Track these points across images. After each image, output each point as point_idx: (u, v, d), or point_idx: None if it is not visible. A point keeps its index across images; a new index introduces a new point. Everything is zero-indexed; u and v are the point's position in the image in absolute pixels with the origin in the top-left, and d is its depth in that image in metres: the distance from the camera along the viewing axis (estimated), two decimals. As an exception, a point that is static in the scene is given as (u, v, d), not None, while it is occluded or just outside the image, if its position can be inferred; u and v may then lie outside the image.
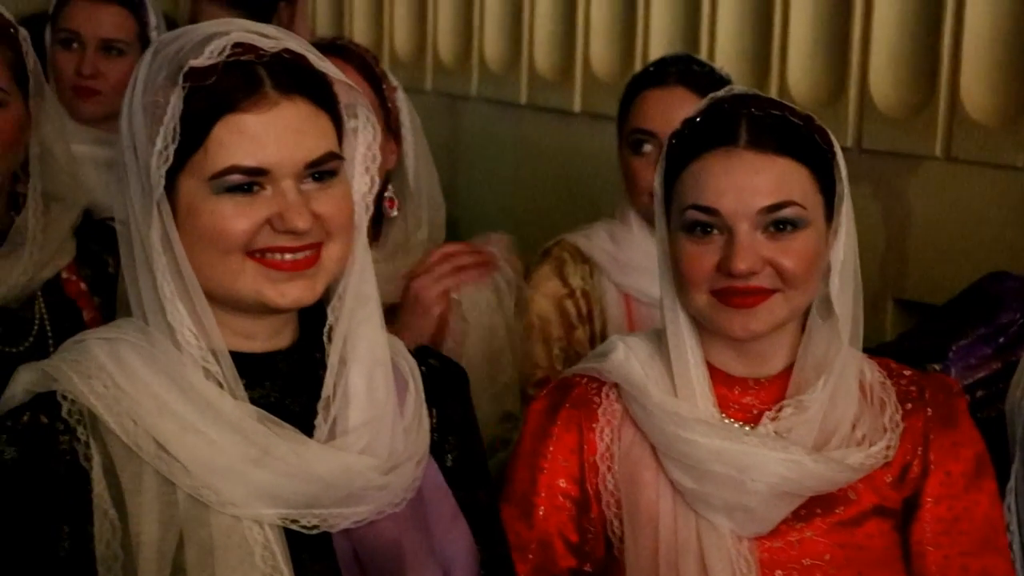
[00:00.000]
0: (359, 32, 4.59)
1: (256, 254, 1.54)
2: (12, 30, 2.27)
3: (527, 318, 2.78)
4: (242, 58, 1.53)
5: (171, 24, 3.39)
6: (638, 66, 3.48)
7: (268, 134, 1.53)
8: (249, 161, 1.53)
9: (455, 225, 2.80)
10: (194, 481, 1.52)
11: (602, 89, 3.66)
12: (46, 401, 1.54)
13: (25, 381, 1.57)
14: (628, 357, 1.93)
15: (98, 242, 2.44)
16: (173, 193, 1.54)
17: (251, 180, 1.53)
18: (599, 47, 3.70)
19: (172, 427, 1.52)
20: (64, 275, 2.35)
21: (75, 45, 3.17)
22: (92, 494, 1.52)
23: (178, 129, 1.52)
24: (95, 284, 2.40)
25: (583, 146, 3.76)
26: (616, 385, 1.93)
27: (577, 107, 3.77)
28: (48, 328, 2.32)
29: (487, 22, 4.10)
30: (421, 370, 1.70)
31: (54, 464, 1.52)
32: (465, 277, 2.52)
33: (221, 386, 1.55)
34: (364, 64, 2.51)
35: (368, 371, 1.61)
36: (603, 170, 3.55)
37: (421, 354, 1.75)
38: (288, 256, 1.55)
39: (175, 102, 1.52)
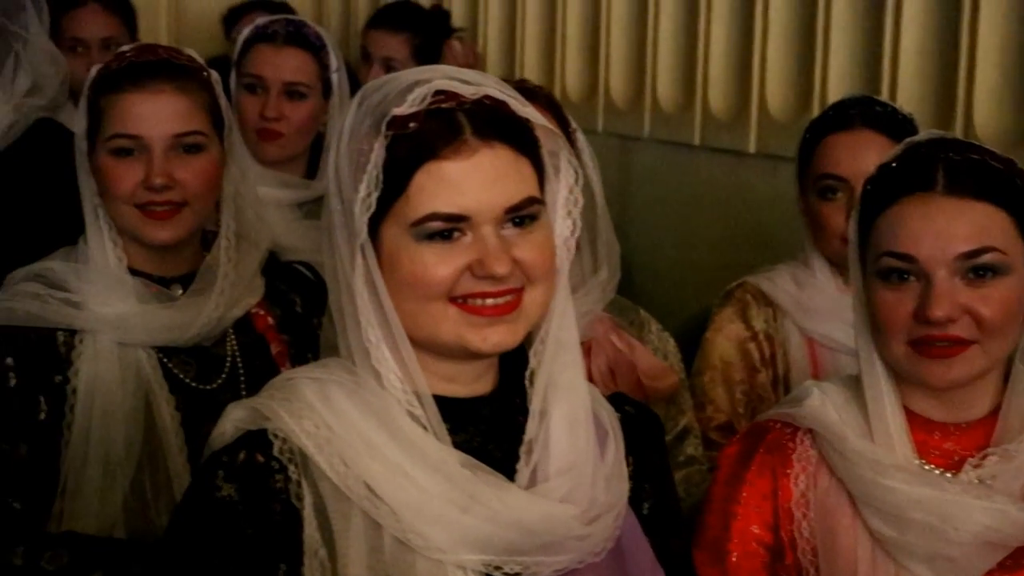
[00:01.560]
0: (529, 71, 4.61)
1: (458, 300, 1.55)
2: (205, 74, 2.33)
3: (710, 361, 2.77)
4: (443, 105, 1.55)
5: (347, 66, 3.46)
6: (816, 107, 3.44)
7: (467, 181, 1.54)
8: (448, 208, 1.54)
9: (629, 269, 2.79)
10: (402, 525, 1.53)
11: (778, 130, 3.63)
12: (258, 439, 1.56)
13: (236, 418, 1.59)
14: (823, 403, 1.91)
15: (285, 282, 2.49)
16: (377, 240, 1.56)
17: (451, 227, 1.54)
18: (775, 87, 3.66)
19: (381, 470, 1.54)
20: (252, 310, 2.40)
21: (259, 89, 3.24)
22: (303, 534, 1.54)
23: (381, 177, 1.54)
24: (283, 323, 2.45)
25: (758, 187, 3.73)
26: (811, 431, 1.91)
27: (752, 148, 3.74)
28: (240, 365, 2.37)
29: (660, 62, 4.09)
30: (617, 417, 1.70)
31: (271, 502, 1.54)
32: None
33: (426, 429, 1.56)
34: (552, 106, 2.52)
35: (570, 417, 1.61)
36: (778, 212, 3.51)
37: (617, 401, 1.74)
38: (489, 301, 1.55)
39: (378, 150, 1.54)
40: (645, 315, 2.79)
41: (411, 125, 1.54)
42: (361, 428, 1.55)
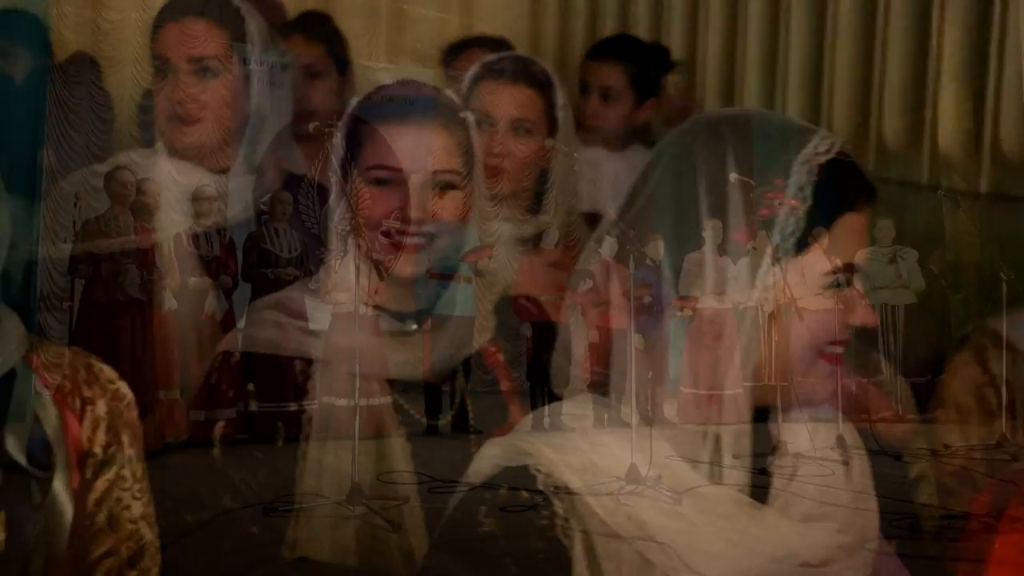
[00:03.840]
0: (792, 109, 4.52)
1: None
2: (463, 115, 2.35)
3: (945, 405, 2.71)
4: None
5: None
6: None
7: None
8: None
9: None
10: (672, 561, 1.51)
11: (1013, 169, 3.51)
12: (519, 475, 1.55)
13: (492, 455, 1.59)
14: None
15: (515, 317, 2.49)
16: None
17: None
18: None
19: (649, 506, 1.52)
20: (482, 346, 2.41)
21: (485, 125, 3.25)
22: (572, 571, 1.52)
23: None
24: (513, 359, 2.45)
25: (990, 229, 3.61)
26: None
27: (983, 187, 3.63)
28: (468, 401, 2.38)
29: (940, 102, 3.95)
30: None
31: (535, 539, 1.53)
32: None
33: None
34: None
35: (821, 446, 1.59)
36: (1014, 255, 3.40)
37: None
38: None
39: None
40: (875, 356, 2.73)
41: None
42: (626, 463, 1.54)
